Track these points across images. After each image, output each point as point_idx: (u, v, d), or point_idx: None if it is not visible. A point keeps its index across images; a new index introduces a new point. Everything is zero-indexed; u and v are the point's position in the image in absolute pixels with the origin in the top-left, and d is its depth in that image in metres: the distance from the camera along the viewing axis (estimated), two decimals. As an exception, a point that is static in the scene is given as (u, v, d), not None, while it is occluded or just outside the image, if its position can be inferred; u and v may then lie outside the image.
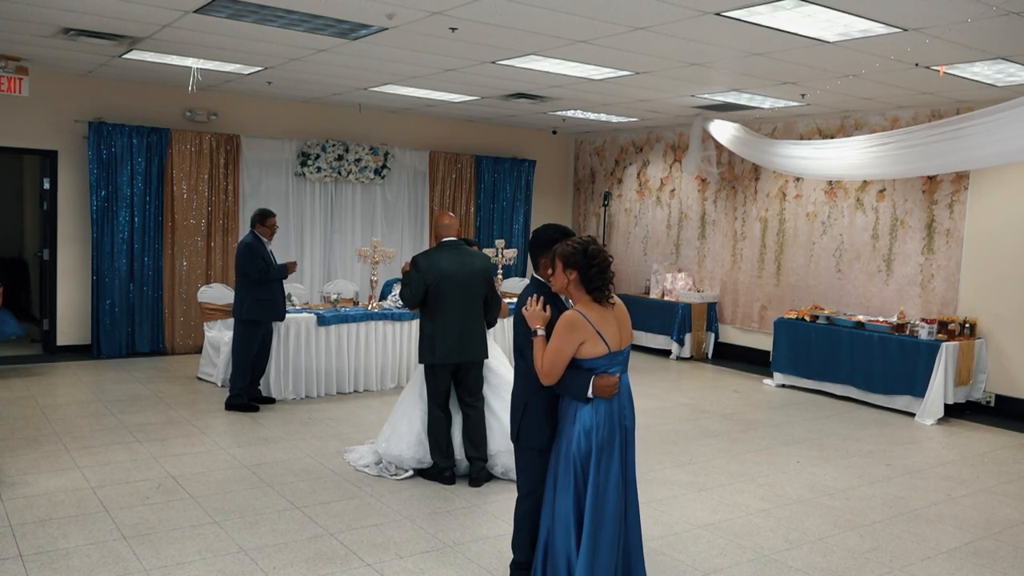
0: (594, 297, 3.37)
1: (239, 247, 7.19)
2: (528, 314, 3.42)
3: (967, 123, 6.86)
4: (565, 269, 3.37)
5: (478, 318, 5.42)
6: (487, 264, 5.53)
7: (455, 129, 11.67)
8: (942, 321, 8.04)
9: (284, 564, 4.12)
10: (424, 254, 5.40)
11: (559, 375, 3.35)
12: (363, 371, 8.04)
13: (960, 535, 4.92)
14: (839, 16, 5.25)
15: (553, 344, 3.33)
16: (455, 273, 5.30)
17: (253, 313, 7.02)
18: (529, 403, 3.58)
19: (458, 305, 5.31)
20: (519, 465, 3.74)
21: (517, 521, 3.79)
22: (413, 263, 5.38)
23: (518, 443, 3.66)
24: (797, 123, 9.74)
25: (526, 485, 3.71)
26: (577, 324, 3.32)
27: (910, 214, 8.70)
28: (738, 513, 5.13)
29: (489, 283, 5.49)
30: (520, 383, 3.65)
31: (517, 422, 3.63)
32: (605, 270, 3.36)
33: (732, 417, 7.69)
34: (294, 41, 6.70)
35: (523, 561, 3.77)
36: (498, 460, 5.45)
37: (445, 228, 5.51)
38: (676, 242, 11.35)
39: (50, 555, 4.11)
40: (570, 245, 3.38)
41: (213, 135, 9.69)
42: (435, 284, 5.27)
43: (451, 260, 5.34)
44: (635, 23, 5.66)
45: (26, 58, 8.03)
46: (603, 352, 3.35)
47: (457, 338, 5.30)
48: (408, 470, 5.56)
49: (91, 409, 7.01)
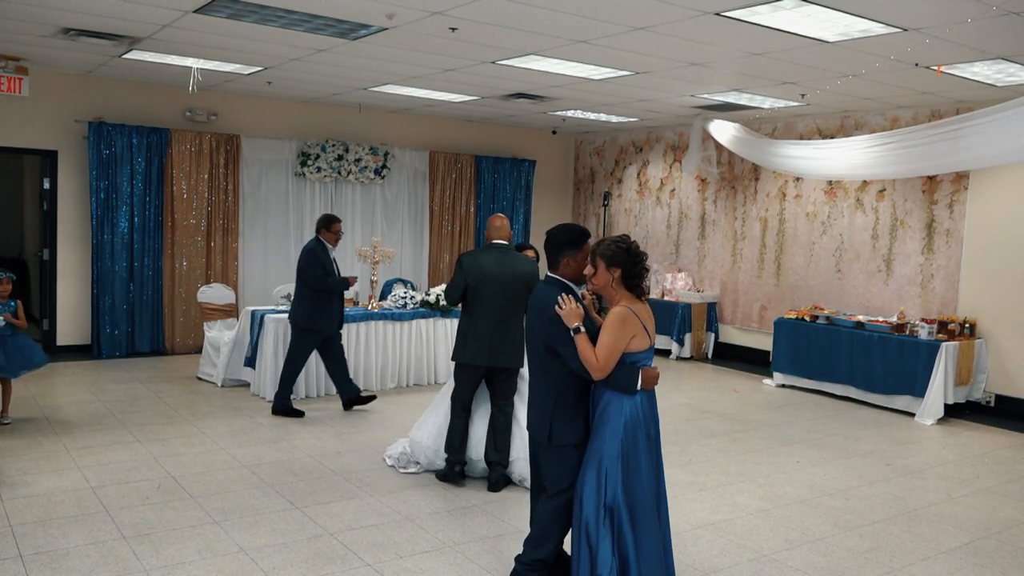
0: (635, 293, 3.55)
1: (301, 251, 7.00)
2: (565, 313, 3.50)
3: (967, 123, 6.85)
4: (609, 267, 3.53)
5: (516, 323, 5.29)
6: (533, 270, 5.39)
7: (455, 129, 11.67)
8: (942, 321, 8.04)
9: (284, 564, 4.12)
10: (470, 252, 5.46)
11: (611, 369, 3.45)
12: (363, 371, 8.03)
13: (960, 535, 4.92)
14: (839, 16, 5.25)
15: (607, 339, 3.43)
16: (497, 275, 5.26)
17: (308, 321, 6.88)
18: (559, 400, 3.64)
19: (495, 308, 5.25)
20: (550, 464, 3.73)
21: (546, 519, 3.77)
22: (458, 261, 5.45)
23: (550, 443, 3.67)
24: (797, 123, 9.74)
25: (558, 483, 3.70)
26: (629, 319, 3.47)
27: (910, 214, 8.70)
28: (738, 513, 5.13)
29: (531, 289, 5.35)
30: (548, 382, 3.68)
31: (548, 421, 3.65)
32: (642, 266, 3.55)
33: (732, 417, 7.69)
34: (294, 41, 6.70)
35: (543, 559, 3.77)
36: (516, 467, 5.40)
37: (495, 230, 5.50)
38: (676, 242, 11.35)
39: (50, 555, 4.10)
40: (613, 245, 3.55)
41: (213, 135, 9.69)
42: (475, 284, 5.28)
43: (495, 262, 5.31)
44: (635, 23, 5.66)
45: (26, 58, 8.03)
46: (647, 346, 3.53)
47: (488, 341, 5.24)
48: (417, 463, 5.64)
49: (91, 409, 7.01)
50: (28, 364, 6.37)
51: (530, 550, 3.82)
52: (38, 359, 6.45)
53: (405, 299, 8.39)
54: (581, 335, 3.47)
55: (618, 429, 3.44)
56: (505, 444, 5.37)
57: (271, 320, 7.51)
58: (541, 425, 3.70)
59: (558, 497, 3.71)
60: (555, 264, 3.77)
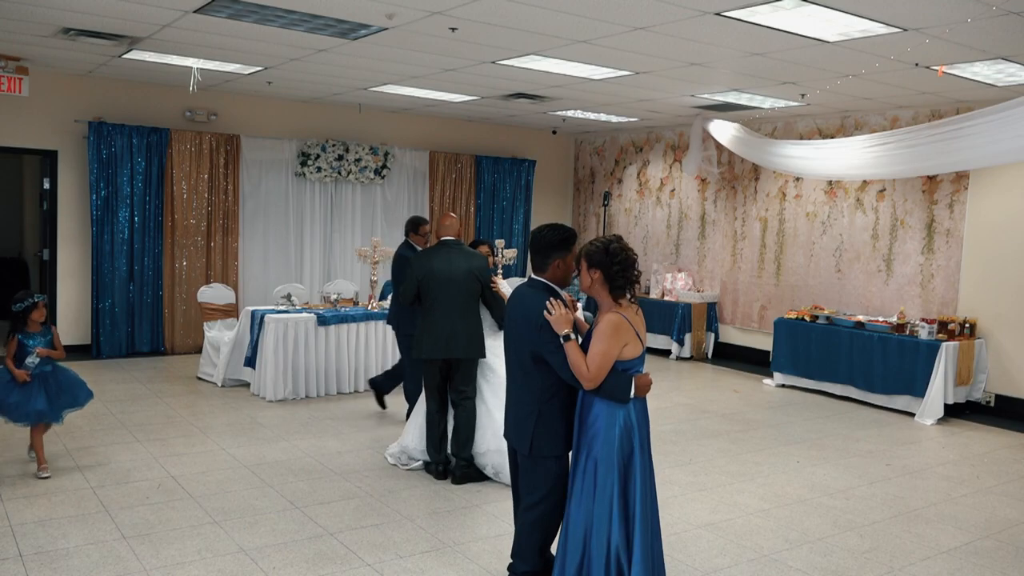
0: (615, 296, 3.37)
1: (393, 257, 6.70)
2: (554, 319, 3.36)
3: (967, 123, 6.85)
4: (589, 269, 3.39)
5: (469, 317, 5.42)
6: (480, 264, 5.49)
7: (455, 129, 11.67)
8: (942, 321, 8.04)
9: (284, 564, 4.12)
10: (418, 253, 5.55)
11: (604, 377, 3.30)
12: (363, 371, 8.03)
13: (960, 535, 4.92)
14: (839, 16, 5.25)
15: (600, 347, 3.28)
16: (443, 271, 5.38)
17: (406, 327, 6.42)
18: (543, 411, 3.50)
19: (445, 303, 5.37)
20: (529, 475, 3.62)
21: (525, 530, 3.67)
22: (406, 261, 5.53)
23: (531, 454, 3.54)
24: (797, 123, 9.74)
25: (536, 493, 3.60)
26: (622, 326, 3.32)
27: (910, 214, 8.70)
28: (738, 513, 5.13)
29: (483, 282, 5.47)
30: (530, 391, 3.55)
31: (529, 433, 3.52)
32: (627, 268, 3.36)
33: (732, 417, 7.68)
34: (294, 41, 6.70)
35: (529, 571, 3.69)
36: (488, 459, 5.45)
37: (444, 228, 5.66)
38: (676, 242, 11.35)
39: (50, 555, 4.10)
40: (594, 245, 3.40)
41: (213, 135, 9.69)
42: (425, 282, 5.41)
43: (442, 259, 5.43)
44: (635, 23, 5.66)
45: (26, 58, 8.03)
46: (639, 352, 3.38)
47: (442, 335, 5.36)
48: (418, 460, 5.71)
49: (91, 409, 6.97)
50: (73, 403, 5.37)
51: (519, 562, 3.73)
52: (83, 397, 5.42)
53: (405, 299, 8.39)
54: (571, 342, 3.32)
55: (612, 439, 3.31)
56: (466, 438, 5.43)
57: (271, 320, 7.51)
58: (521, 436, 3.57)
59: (536, 508, 3.60)
60: (543, 266, 3.59)
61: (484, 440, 5.44)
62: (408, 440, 5.76)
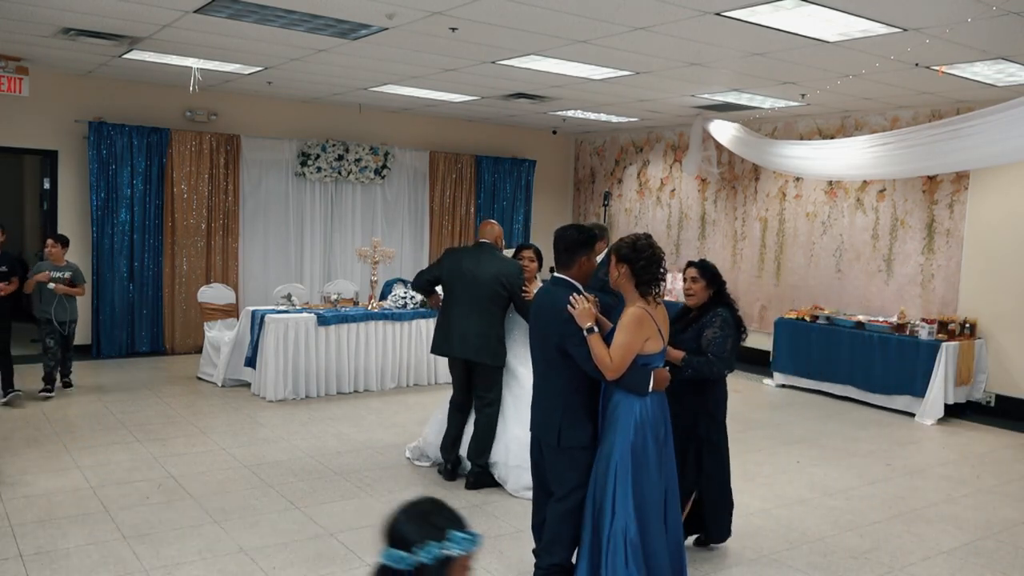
0: (641, 291, 3.50)
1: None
2: (578, 313, 3.48)
3: (967, 123, 6.85)
4: (617, 263, 3.55)
5: (486, 320, 5.33)
6: (510, 270, 5.37)
7: (455, 129, 11.66)
8: (942, 321, 8.04)
9: (284, 564, 4.12)
10: (454, 248, 5.65)
11: (625, 369, 3.41)
12: (363, 371, 8.04)
13: (960, 535, 4.92)
14: (839, 16, 5.25)
15: (623, 339, 3.41)
16: (468, 272, 5.38)
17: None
18: (568, 403, 3.61)
19: (465, 302, 5.36)
20: (557, 467, 3.68)
21: (556, 522, 3.71)
22: (443, 253, 5.67)
23: (559, 445, 3.62)
24: (797, 123, 9.74)
25: (566, 485, 3.66)
26: (644, 321, 3.45)
27: (910, 214, 8.70)
28: (738, 513, 5.10)
29: (509, 288, 5.32)
30: (556, 383, 3.64)
31: (556, 424, 3.62)
32: (652, 264, 3.50)
33: (732, 417, 7.59)
34: (294, 41, 6.70)
35: (560, 563, 3.70)
36: (496, 471, 5.37)
37: (482, 232, 5.69)
38: (676, 242, 11.35)
39: (50, 555, 4.10)
40: (623, 240, 3.57)
41: (213, 135, 9.69)
42: (448, 278, 5.46)
43: (471, 259, 5.44)
44: (635, 23, 5.66)
45: (26, 58, 8.03)
46: (660, 348, 3.51)
47: (454, 333, 5.36)
48: (427, 457, 5.77)
49: (91, 409, 7.01)
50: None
51: (545, 555, 3.76)
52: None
53: (405, 299, 8.40)
54: (595, 335, 3.44)
55: (628, 429, 3.43)
56: (485, 446, 5.37)
57: (271, 320, 7.51)
58: (549, 428, 3.66)
59: (567, 500, 3.65)
60: (568, 264, 3.73)
61: (511, 454, 5.32)
62: (427, 432, 5.80)
